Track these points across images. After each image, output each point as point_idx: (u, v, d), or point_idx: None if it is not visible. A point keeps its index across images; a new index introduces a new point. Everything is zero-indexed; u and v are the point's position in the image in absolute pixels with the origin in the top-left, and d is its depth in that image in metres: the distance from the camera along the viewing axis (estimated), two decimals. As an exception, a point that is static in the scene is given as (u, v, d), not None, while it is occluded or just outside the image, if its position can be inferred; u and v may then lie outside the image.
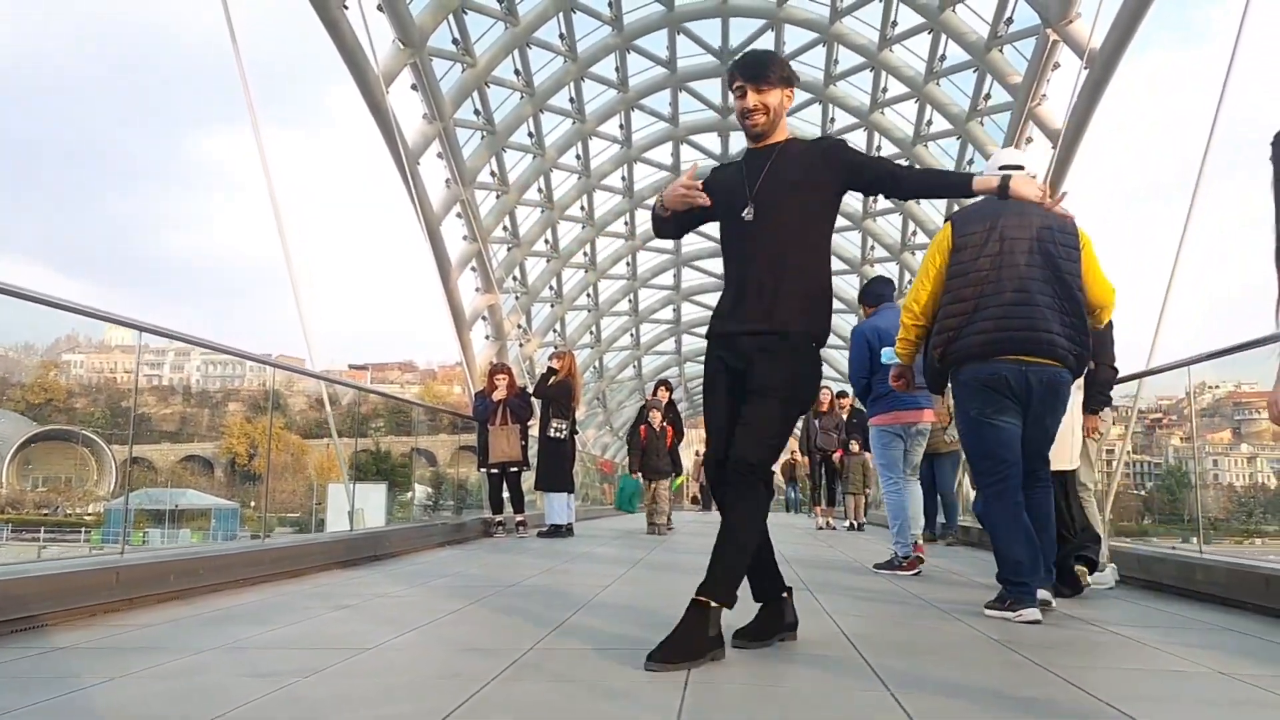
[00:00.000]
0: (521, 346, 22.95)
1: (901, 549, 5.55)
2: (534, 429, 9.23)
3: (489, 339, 20.90)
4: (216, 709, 2.05)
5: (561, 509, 8.70)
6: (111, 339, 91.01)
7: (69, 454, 65.05)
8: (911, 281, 4.38)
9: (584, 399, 14.81)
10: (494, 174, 19.33)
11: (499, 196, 19.91)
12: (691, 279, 28.45)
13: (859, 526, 10.78)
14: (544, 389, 8.90)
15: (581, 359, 25.51)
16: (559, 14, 17.25)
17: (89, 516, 53.74)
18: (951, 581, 5.13)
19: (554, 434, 8.72)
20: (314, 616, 3.56)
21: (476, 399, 9.47)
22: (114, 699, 2.22)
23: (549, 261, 23.43)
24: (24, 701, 2.13)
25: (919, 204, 20.97)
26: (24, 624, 3.12)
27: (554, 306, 24.82)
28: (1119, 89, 13.96)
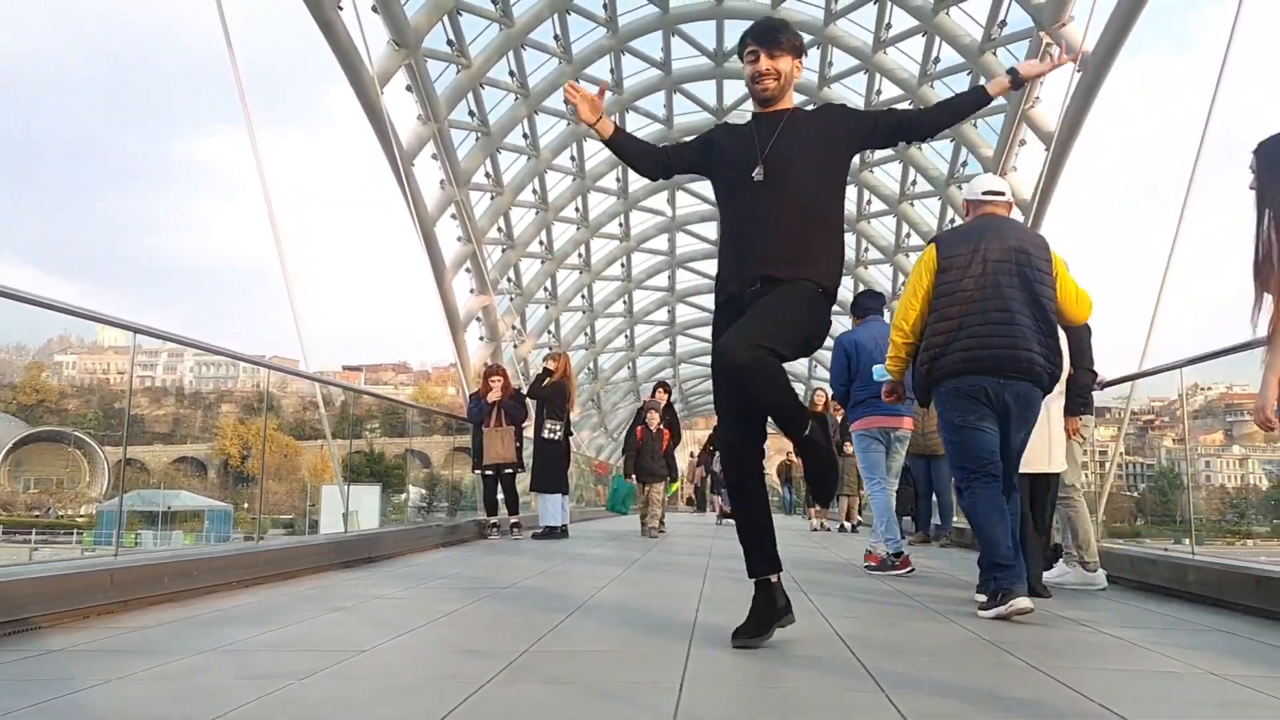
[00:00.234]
0: (516, 348, 22.95)
1: (892, 546, 5.61)
2: (528, 430, 9.23)
3: (483, 340, 20.90)
4: (213, 711, 2.05)
5: (556, 510, 8.70)
6: (104, 340, 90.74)
7: (61, 455, 64.77)
8: (904, 285, 4.46)
9: (578, 400, 14.81)
10: (489, 175, 19.32)
11: (494, 198, 19.91)
12: (686, 280, 28.47)
13: (853, 528, 10.81)
14: (539, 390, 8.90)
15: (576, 360, 25.48)
16: (554, 15, 17.26)
17: (81, 518, 53.50)
18: (945, 582, 5.15)
19: (548, 435, 8.72)
20: (309, 618, 3.56)
21: (471, 401, 9.47)
22: (111, 701, 2.22)
23: (543, 263, 23.43)
24: (22, 704, 2.13)
25: (912, 206, 21.04)
26: (18, 626, 3.11)
27: (548, 308, 24.83)
28: (1111, 91, 14.01)
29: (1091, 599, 4.46)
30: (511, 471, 8.81)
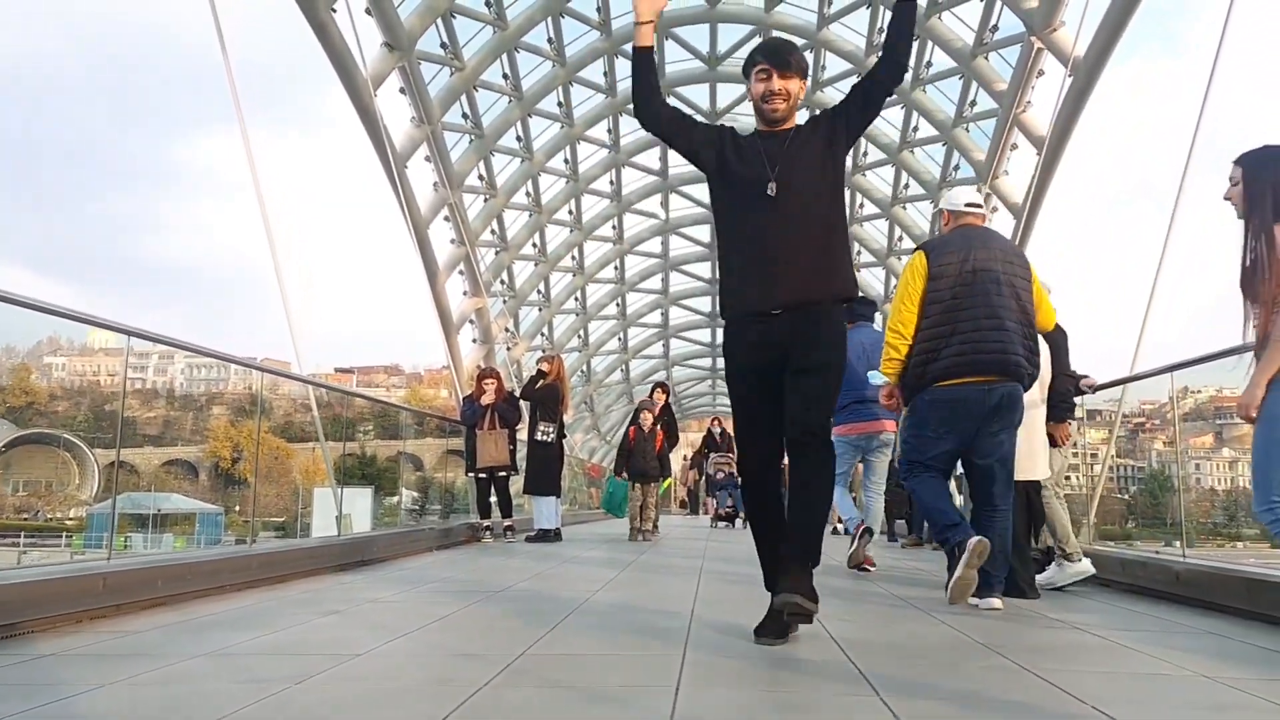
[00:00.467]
0: (509, 350, 22.93)
1: (852, 523, 6.03)
2: (522, 433, 9.22)
3: (476, 342, 20.88)
4: (209, 716, 2.05)
5: (550, 514, 8.69)
6: (94, 341, 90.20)
7: (50, 458, 64.39)
8: (895, 287, 4.53)
9: (571, 403, 14.79)
10: (482, 178, 19.31)
11: (487, 200, 19.89)
12: (679, 283, 28.51)
13: (844, 530, 10.82)
14: (532, 392, 8.89)
15: (569, 363, 25.47)
16: (547, 18, 17.26)
17: (70, 521, 53.17)
18: (937, 584, 5.16)
19: (541, 437, 8.71)
20: (303, 622, 3.55)
21: (465, 403, 9.46)
22: (105, 706, 2.21)
23: (537, 265, 23.42)
24: (14, 710, 2.12)
25: (905, 209, 21.11)
26: (9, 631, 3.10)
27: (541, 310, 24.81)
28: (1102, 95, 14.08)
29: (1082, 601, 4.48)
30: (505, 474, 8.80)
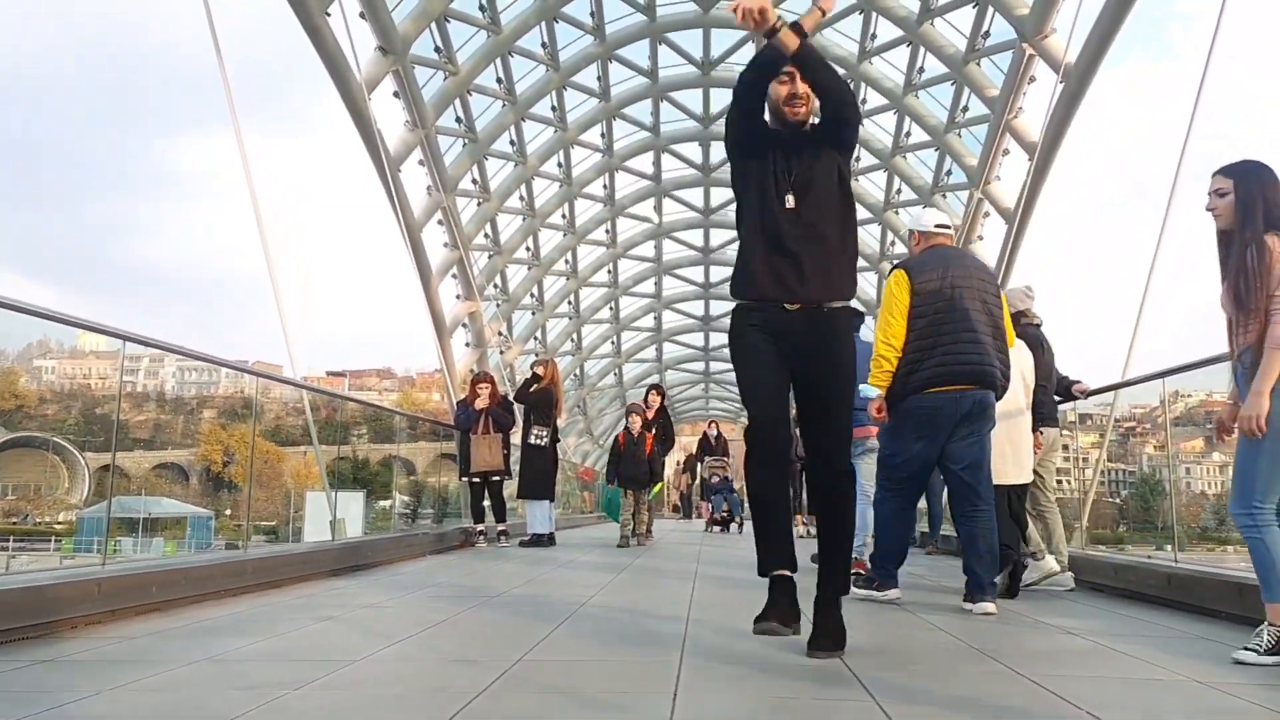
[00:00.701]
0: (502, 354, 22.90)
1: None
2: (515, 437, 9.20)
3: (469, 346, 20.83)
4: (206, 722, 2.05)
5: (544, 518, 8.68)
6: (85, 345, 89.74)
7: (39, 461, 63.98)
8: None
9: (565, 407, 14.80)
10: (475, 181, 19.29)
11: (480, 204, 19.87)
12: (672, 287, 28.51)
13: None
14: (526, 395, 8.88)
15: (562, 366, 25.44)
16: (541, 23, 17.27)
17: (60, 525, 52.82)
18: (932, 589, 5.19)
19: (535, 441, 8.69)
20: (299, 628, 3.55)
21: (459, 408, 9.44)
22: (101, 713, 2.21)
23: (530, 269, 23.39)
24: (11, 716, 2.12)
25: (897, 214, 21.18)
26: (4, 637, 3.08)
27: (535, 314, 24.78)
28: (1094, 99, 14.13)
29: (1074, 605, 4.51)
30: (499, 479, 8.78)
